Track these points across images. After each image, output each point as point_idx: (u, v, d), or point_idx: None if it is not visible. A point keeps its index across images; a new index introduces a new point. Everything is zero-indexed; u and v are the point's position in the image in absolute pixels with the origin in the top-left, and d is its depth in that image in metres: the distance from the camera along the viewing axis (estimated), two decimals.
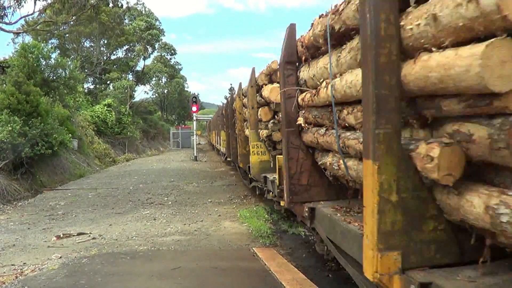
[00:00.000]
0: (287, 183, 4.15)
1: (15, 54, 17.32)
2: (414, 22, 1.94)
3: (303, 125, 4.14)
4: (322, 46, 3.39)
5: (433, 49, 1.84)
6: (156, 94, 55.19)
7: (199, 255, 5.51)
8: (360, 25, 2.26)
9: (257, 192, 8.28)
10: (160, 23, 46.44)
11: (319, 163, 4.01)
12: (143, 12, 45.29)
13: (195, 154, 23.62)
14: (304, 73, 3.97)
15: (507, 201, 1.59)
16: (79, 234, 6.91)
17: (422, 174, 2.03)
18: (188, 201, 9.77)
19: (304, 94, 3.99)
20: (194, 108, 23.08)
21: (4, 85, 13.79)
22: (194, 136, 26.62)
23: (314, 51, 3.72)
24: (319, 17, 3.36)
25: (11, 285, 4.58)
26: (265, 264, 4.97)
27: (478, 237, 1.97)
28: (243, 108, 8.26)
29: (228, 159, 13.74)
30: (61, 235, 6.85)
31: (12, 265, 5.41)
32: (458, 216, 1.95)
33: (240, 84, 9.15)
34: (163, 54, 53.56)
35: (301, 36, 3.98)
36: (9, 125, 12.04)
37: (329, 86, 3.06)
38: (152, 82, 51.45)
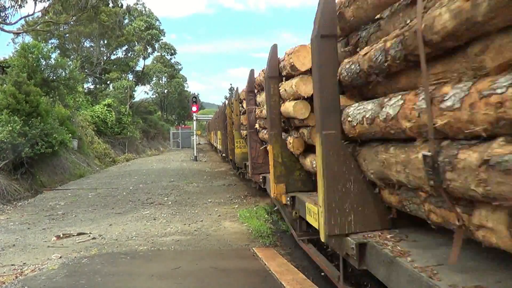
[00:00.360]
0: (250, 162, 7.24)
1: (15, 54, 17.34)
2: (282, 89, 4.55)
3: (258, 128, 7.02)
4: (263, 85, 5.70)
5: (288, 100, 4.39)
6: (156, 94, 55.18)
7: (199, 255, 5.52)
8: (264, 86, 5.19)
9: (241, 176, 11.73)
10: (160, 23, 46.46)
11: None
12: (143, 12, 45.29)
13: (195, 154, 23.62)
14: (258, 98, 6.92)
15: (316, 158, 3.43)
16: (79, 234, 6.91)
17: (291, 150, 4.61)
18: (188, 201, 9.77)
19: (258, 110, 6.92)
20: (194, 108, 23.05)
21: (4, 85, 13.79)
22: (194, 136, 26.58)
23: (261, 87, 6.23)
24: (262, 71, 6.02)
25: (11, 285, 4.58)
26: (265, 264, 4.97)
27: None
28: (232, 114, 10.54)
29: (223, 155, 16.51)
30: (61, 235, 6.85)
31: (12, 265, 5.41)
32: (306, 168, 4.48)
33: (230, 96, 13.10)
34: (163, 54, 53.56)
35: (256, 77, 6.84)
36: (9, 125, 12.04)
37: (265, 109, 5.58)
38: (152, 82, 51.45)
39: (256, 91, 7.03)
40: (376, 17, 2.73)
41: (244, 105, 8.29)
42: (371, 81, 2.57)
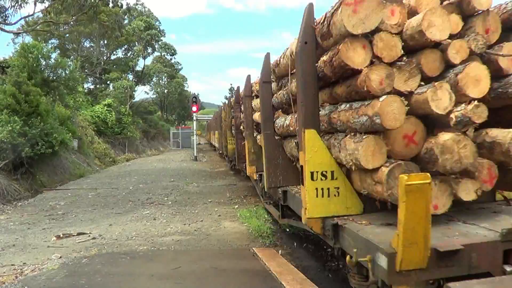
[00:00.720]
0: (237, 155, 9.66)
1: (15, 54, 17.32)
2: (254, 104, 7.35)
3: (242, 129, 8.77)
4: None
5: (257, 111, 6.97)
6: (156, 94, 55.11)
7: (199, 255, 5.52)
8: (242, 100, 8.02)
9: (232, 168, 14.58)
10: (160, 23, 46.39)
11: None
12: (143, 12, 45.23)
13: (195, 154, 23.62)
14: (242, 107, 8.43)
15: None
16: (79, 234, 6.91)
17: (259, 144, 6.42)
18: (188, 201, 9.78)
19: (242, 116, 8.65)
20: (194, 108, 23.05)
21: (4, 85, 13.78)
22: (194, 136, 26.56)
23: None
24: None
25: (11, 285, 4.58)
26: (265, 264, 4.97)
27: None
28: (226, 117, 12.79)
29: (220, 151, 19.13)
30: (61, 235, 6.86)
31: (12, 265, 5.42)
32: None
33: (225, 102, 14.70)
34: (163, 54, 53.48)
35: (241, 92, 8.75)
36: (9, 125, 12.04)
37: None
38: (152, 82, 51.37)
39: (241, 102, 8.99)
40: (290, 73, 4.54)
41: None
42: (284, 107, 5.08)
